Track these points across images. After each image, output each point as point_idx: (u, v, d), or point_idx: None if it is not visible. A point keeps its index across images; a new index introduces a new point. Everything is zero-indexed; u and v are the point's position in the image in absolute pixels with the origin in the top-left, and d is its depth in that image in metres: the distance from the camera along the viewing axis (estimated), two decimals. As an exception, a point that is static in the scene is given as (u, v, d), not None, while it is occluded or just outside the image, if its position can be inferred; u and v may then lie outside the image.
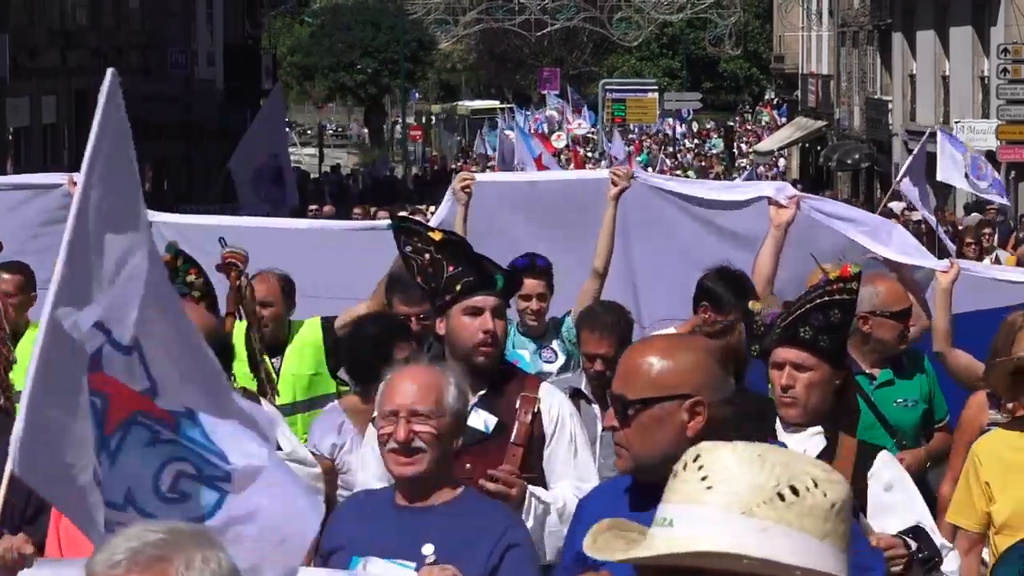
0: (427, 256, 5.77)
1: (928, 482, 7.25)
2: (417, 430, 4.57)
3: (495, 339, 5.65)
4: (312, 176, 53.40)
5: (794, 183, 26.13)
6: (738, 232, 8.74)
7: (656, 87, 62.15)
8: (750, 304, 6.22)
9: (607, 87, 56.36)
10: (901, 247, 8.41)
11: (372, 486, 5.25)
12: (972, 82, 39.19)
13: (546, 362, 8.25)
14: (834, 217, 8.63)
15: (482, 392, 5.62)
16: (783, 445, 5.26)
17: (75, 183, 7.97)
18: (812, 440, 5.33)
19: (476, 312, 5.65)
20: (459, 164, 59.88)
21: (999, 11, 37.74)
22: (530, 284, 8.13)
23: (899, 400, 7.06)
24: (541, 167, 31.76)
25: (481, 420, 5.59)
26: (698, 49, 73.11)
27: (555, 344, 8.35)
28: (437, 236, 5.80)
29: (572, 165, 43.68)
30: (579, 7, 62.69)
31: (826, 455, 5.19)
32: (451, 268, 5.71)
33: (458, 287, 5.69)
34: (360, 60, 75.05)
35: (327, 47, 76.16)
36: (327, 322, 8.26)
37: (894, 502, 5.14)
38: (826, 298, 5.47)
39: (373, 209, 23.04)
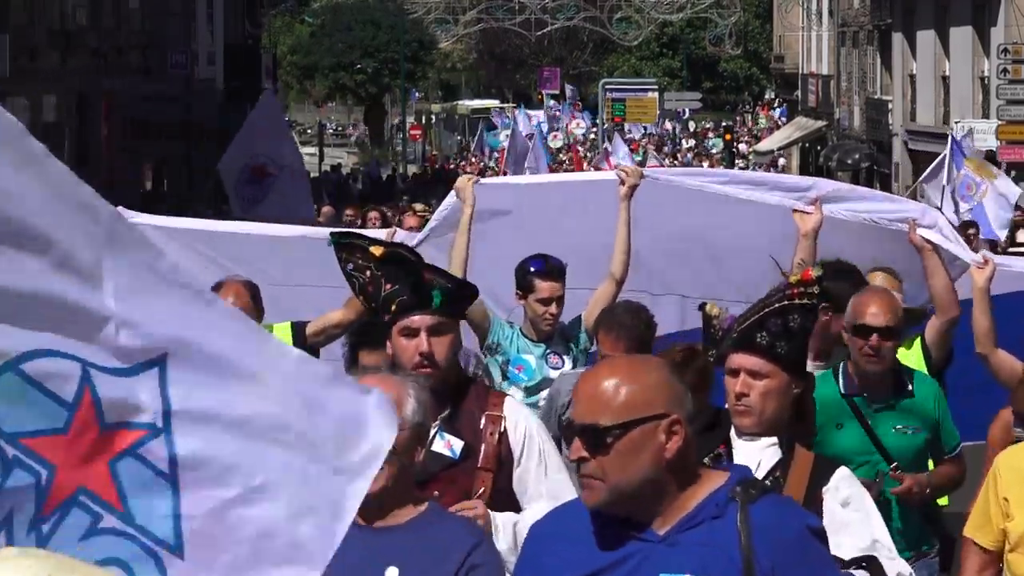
0: (368, 273, 5.50)
1: (942, 518, 6.92)
2: None
3: (432, 360, 5.34)
4: (312, 175, 53.42)
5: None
6: (754, 229, 8.45)
7: (656, 87, 62.18)
8: (707, 307, 5.95)
9: (607, 87, 56.34)
10: (942, 231, 8.03)
11: None
12: (972, 82, 39.20)
13: (552, 368, 8.00)
14: (862, 211, 8.30)
15: (444, 414, 5.37)
16: (724, 459, 5.11)
17: None
18: (767, 451, 5.11)
19: (412, 333, 5.38)
20: (458, 164, 59.91)
21: (999, 11, 37.75)
22: (549, 287, 7.95)
23: (899, 426, 6.62)
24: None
25: (447, 445, 5.35)
26: (698, 49, 73.14)
27: (562, 349, 8.11)
28: (378, 252, 5.51)
29: (572, 165, 43.69)
30: (579, 7, 62.69)
31: (781, 468, 5.03)
32: (388, 286, 5.44)
33: (393, 306, 5.43)
34: (360, 60, 75.04)
35: (327, 47, 76.17)
36: (299, 327, 8.03)
37: (850, 519, 4.91)
38: (785, 302, 5.20)
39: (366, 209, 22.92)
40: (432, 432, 5.23)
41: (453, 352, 5.47)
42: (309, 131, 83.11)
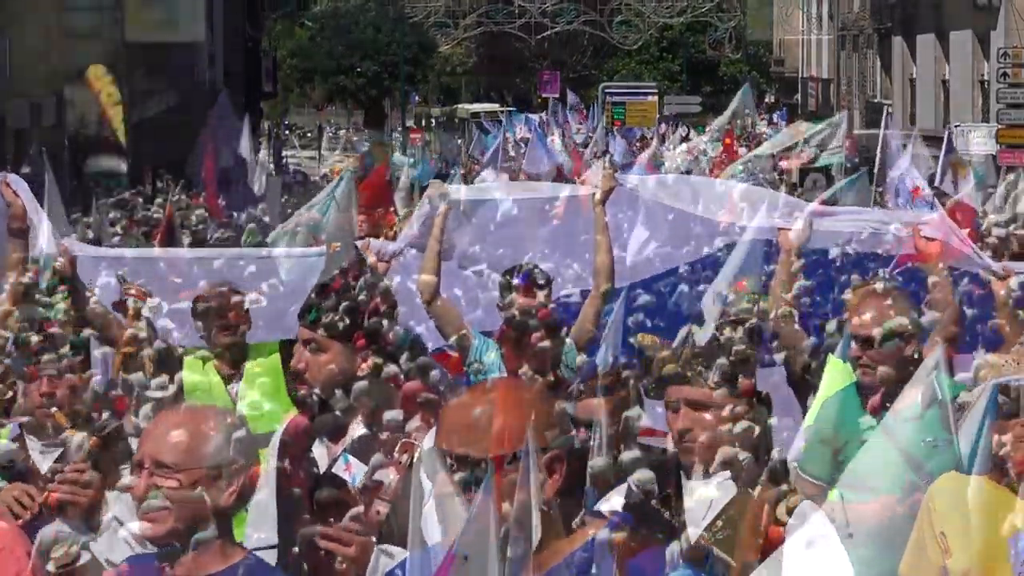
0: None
1: None
2: (160, 485, 3.88)
3: (298, 376, 4.97)
4: (313, 179, 53.38)
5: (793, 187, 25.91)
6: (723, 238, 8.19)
7: (656, 91, 62.17)
8: (639, 337, 5.45)
9: (607, 90, 56.35)
10: (953, 234, 7.43)
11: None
12: (972, 86, 39.20)
13: None
14: (861, 220, 7.79)
15: (356, 436, 4.95)
16: (672, 502, 4.51)
17: (7, 183, 7.66)
18: (723, 487, 4.44)
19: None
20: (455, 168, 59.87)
21: (999, 15, 37.76)
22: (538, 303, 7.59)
23: (928, 439, 5.78)
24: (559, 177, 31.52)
25: (346, 469, 4.88)
26: (698, 52, 73.15)
27: None
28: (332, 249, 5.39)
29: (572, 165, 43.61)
30: (579, 10, 62.69)
31: (733, 507, 4.34)
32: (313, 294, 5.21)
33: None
34: (360, 63, 75.01)
35: (327, 50, 76.13)
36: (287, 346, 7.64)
37: (812, 565, 4.02)
38: (721, 320, 4.79)
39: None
40: (337, 454, 4.93)
41: (334, 375, 4.95)
42: (309, 135, 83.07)
